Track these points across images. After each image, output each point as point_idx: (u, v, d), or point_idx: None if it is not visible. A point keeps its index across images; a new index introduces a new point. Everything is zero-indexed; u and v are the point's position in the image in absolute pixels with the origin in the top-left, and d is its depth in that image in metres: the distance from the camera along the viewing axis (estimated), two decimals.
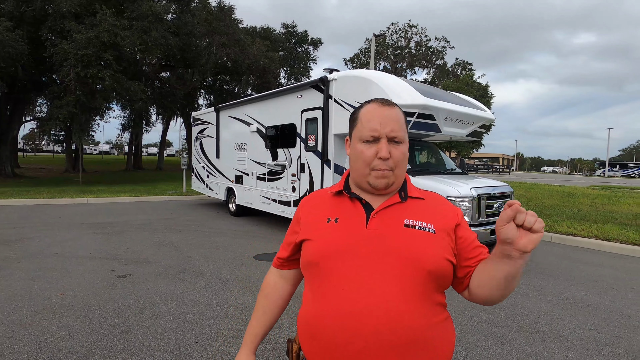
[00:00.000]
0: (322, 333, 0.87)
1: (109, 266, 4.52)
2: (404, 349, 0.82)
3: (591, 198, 11.79)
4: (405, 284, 0.85)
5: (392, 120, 0.93)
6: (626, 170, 55.11)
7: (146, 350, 2.60)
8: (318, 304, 0.90)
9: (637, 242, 6.11)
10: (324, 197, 1.04)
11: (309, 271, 0.95)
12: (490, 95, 27.39)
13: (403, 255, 0.87)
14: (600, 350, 2.77)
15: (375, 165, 0.92)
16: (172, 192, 12.89)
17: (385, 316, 0.82)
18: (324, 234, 0.94)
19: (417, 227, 0.91)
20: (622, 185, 21.54)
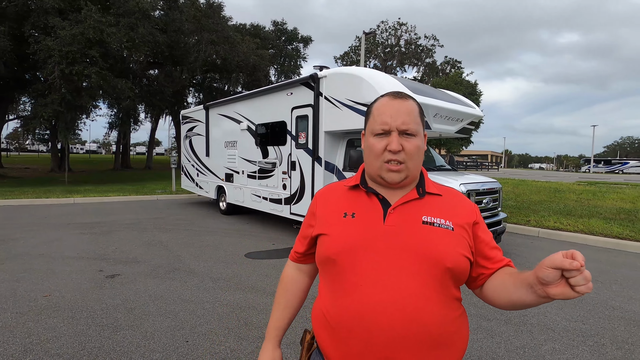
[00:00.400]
0: (338, 327, 0.87)
1: (96, 266, 4.45)
2: (422, 345, 0.83)
3: (577, 194, 12.03)
4: (423, 281, 0.84)
5: (403, 112, 0.91)
6: (610, 166, 56.50)
7: (135, 350, 2.56)
8: (334, 298, 0.90)
9: (621, 235, 6.27)
10: (339, 191, 1.02)
11: (325, 266, 0.95)
12: (478, 93, 27.67)
13: (421, 252, 0.86)
14: (586, 341, 2.83)
15: (386, 157, 0.91)
16: (162, 191, 12.73)
17: (402, 312, 0.82)
18: (340, 229, 0.93)
19: (435, 224, 0.90)
20: (607, 181, 22.05)
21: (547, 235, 6.79)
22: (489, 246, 0.95)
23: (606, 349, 2.72)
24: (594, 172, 52.25)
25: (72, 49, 12.49)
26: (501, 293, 0.87)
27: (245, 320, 3.05)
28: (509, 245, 6.01)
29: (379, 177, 0.94)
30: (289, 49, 31.00)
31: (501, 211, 5.61)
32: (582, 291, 0.66)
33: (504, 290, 0.86)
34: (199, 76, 24.65)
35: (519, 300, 0.81)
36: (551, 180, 19.94)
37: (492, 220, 5.09)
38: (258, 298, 3.56)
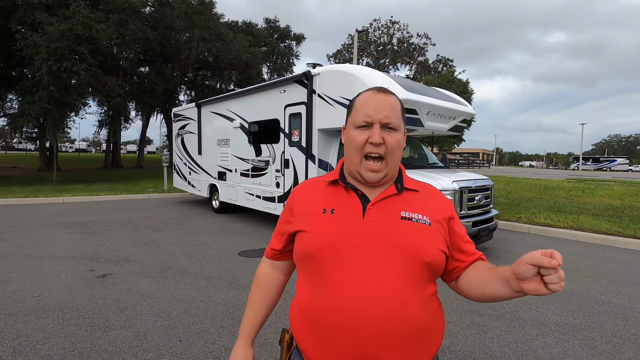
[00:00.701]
0: (318, 324, 0.87)
1: (87, 266, 4.38)
2: (402, 340, 0.83)
3: (566, 190, 12.21)
4: (402, 276, 0.85)
5: (386, 106, 0.91)
6: (598, 163, 57.50)
7: (128, 350, 2.53)
8: (314, 295, 0.89)
9: (609, 231, 6.38)
10: (318, 186, 1.02)
11: (305, 263, 0.93)
12: (470, 91, 27.90)
13: (400, 248, 0.87)
14: (576, 335, 2.88)
15: (367, 150, 0.90)
16: (153, 190, 12.60)
17: (382, 308, 0.82)
18: (319, 226, 0.91)
19: (413, 219, 0.91)
20: (595, 178, 22.43)
21: (538, 232, 6.88)
22: (464, 240, 0.98)
23: (595, 342, 2.77)
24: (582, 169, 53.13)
25: (60, 45, 12.25)
26: (476, 286, 0.90)
27: (239, 319, 3.02)
28: (500, 241, 6.07)
29: (358, 174, 0.94)
30: (282, 46, 30.86)
31: (493, 208, 5.67)
32: (555, 289, 0.69)
33: (479, 283, 0.89)
34: (191, 74, 24.40)
35: (492, 294, 0.84)
36: (541, 177, 20.21)
37: (484, 217, 5.14)
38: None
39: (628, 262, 5.05)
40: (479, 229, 4.93)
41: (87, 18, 12.75)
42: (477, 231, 4.89)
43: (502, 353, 2.59)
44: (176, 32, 18.77)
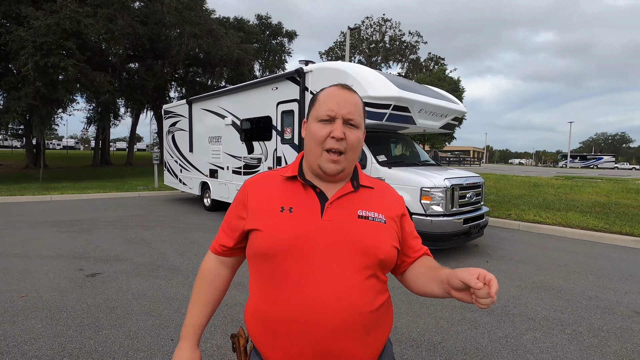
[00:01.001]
0: (276, 324, 0.86)
1: (76, 265, 4.31)
2: (359, 331, 0.86)
3: (555, 188, 12.42)
4: (358, 272, 0.87)
5: (350, 103, 0.92)
6: (586, 161, 58.62)
7: (119, 350, 2.50)
8: (271, 296, 0.88)
9: (596, 228, 6.51)
10: (273, 181, 0.99)
11: (260, 262, 0.91)
12: (461, 89, 28.14)
13: (358, 246, 0.88)
14: (565, 329, 2.93)
15: (328, 145, 0.91)
16: (144, 188, 12.45)
17: (339, 304, 0.84)
18: (278, 225, 0.89)
19: (370, 217, 0.94)
20: (583, 175, 22.85)
21: (527, 229, 6.99)
22: (412, 236, 1.04)
23: (583, 336, 2.82)
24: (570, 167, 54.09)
25: (47, 40, 11.98)
26: (418, 282, 0.99)
27: (232, 317, 3.02)
28: (491, 238, 6.15)
29: (318, 167, 0.93)
30: (274, 43, 30.71)
31: (484, 205, 5.73)
32: (480, 306, 0.77)
33: (421, 280, 0.98)
34: (181, 70, 24.14)
35: (430, 292, 0.94)
36: (530, 175, 20.51)
37: (475, 214, 5.19)
38: (244, 294, 3.53)
39: (614, 257, 5.16)
40: (470, 225, 4.98)
41: (74, 12, 12.50)
42: (468, 228, 4.94)
43: (493, 348, 2.62)
44: (166, 27, 18.53)
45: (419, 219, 4.73)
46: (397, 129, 6.06)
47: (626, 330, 2.93)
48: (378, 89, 4.95)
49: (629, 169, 54.26)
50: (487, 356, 2.52)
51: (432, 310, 3.23)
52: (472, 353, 2.55)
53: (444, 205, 4.75)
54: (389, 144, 6.17)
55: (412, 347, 2.61)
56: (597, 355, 2.56)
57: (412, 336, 2.77)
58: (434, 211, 4.73)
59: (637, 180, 18.00)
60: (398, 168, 5.21)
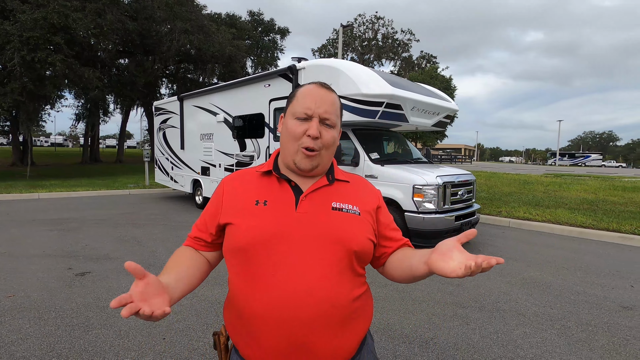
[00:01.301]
0: (253, 320, 0.86)
1: (65, 264, 4.24)
2: (334, 324, 0.86)
3: (544, 185, 12.60)
4: (332, 264, 0.88)
5: (327, 102, 0.93)
6: (574, 159, 59.63)
7: (109, 349, 2.47)
8: (248, 290, 0.87)
9: (584, 224, 6.62)
10: (250, 177, 1.00)
11: (236, 257, 0.91)
12: (453, 87, 28.31)
13: (332, 238, 0.89)
14: (554, 324, 2.98)
15: (304, 143, 0.91)
16: (134, 186, 12.30)
17: (314, 297, 0.84)
18: (252, 218, 0.90)
19: (343, 209, 0.94)
20: (571, 173, 23.24)
21: (517, 225, 7.08)
22: (390, 228, 1.04)
23: (572, 331, 2.87)
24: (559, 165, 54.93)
25: (34, 34, 11.72)
26: (397, 268, 0.98)
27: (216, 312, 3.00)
28: (482, 235, 6.22)
29: (292, 163, 0.94)
30: (266, 40, 30.51)
31: (475, 202, 5.79)
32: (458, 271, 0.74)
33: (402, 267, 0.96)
34: (172, 66, 23.84)
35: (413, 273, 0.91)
36: (520, 172, 20.78)
37: (466, 211, 5.24)
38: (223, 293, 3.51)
39: (602, 253, 5.26)
40: (461, 222, 5.03)
41: (62, 7, 12.24)
42: (459, 225, 4.99)
43: (484, 344, 2.66)
44: (157, 23, 18.27)
45: (412, 216, 4.75)
46: (389, 126, 6.08)
47: (613, 325, 2.99)
48: (371, 86, 4.95)
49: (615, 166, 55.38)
50: (478, 352, 2.55)
51: (424, 307, 3.26)
52: (464, 349, 2.58)
53: (436, 203, 4.78)
54: (382, 142, 6.19)
55: (404, 344, 2.63)
56: (585, 349, 2.61)
57: (404, 333, 2.79)
58: (426, 208, 4.76)
59: (623, 177, 18.37)
60: (391, 165, 5.23)
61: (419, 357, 2.47)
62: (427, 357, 2.47)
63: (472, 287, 3.76)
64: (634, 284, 3.99)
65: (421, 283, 3.79)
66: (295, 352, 0.84)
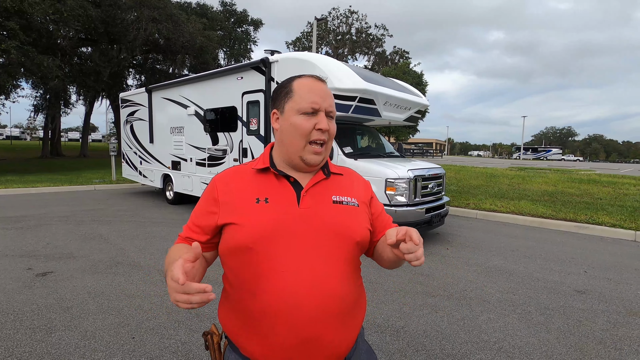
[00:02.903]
0: (260, 318, 0.86)
1: (24, 264, 4.02)
2: (340, 316, 0.89)
3: (509, 178, 13.20)
4: (338, 257, 0.90)
5: (329, 95, 0.95)
6: (537, 153, 62.87)
7: (74, 351, 2.38)
8: (256, 287, 0.87)
9: (545, 215, 7.02)
10: (244, 175, 0.98)
11: (241, 255, 0.89)
12: (424, 83, 28.93)
13: (335, 231, 0.91)
14: (516, 309, 3.16)
15: (313, 136, 0.92)
16: (100, 181, 11.77)
17: (321, 290, 0.86)
18: (255, 216, 0.89)
19: (344, 202, 0.97)
20: (534, 166, 24.47)
21: (484, 217, 7.40)
22: (381, 217, 1.07)
23: (531, 315, 3.06)
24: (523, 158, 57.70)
25: None
26: (379, 254, 1.03)
27: (197, 312, 2.96)
28: (451, 226, 6.45)
29: (299, 159, 0.94)
30: (239, 31, 29.81)
31: (444, 195, 5.98)
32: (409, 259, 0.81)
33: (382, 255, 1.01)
34: (140, 56, 22.84)
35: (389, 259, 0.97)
36: (488, 166, 21.64)
37: (436, 204, 5.41)
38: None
39: (559, 242, 5.60)
40: (431, 215, 5.19)
41: None
42: (429, 217, 5.15)
43: (452, 330, 2.78)
44: (122, 10, 17.39)
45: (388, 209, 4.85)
46: (363, 121, 6.14)
47: (568, 308, 3.21)
48: (344, 81, 4.98)
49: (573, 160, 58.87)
50: (446, 338, 2.66)
51: (396, 297, 3.35)
52: (433, 336, 2.69)
53: (407, 196, 4.91)
54: (355, 136, 6.25)
55: (376, 333, 2.70)
56: (543, 331, 2.79)
57: (376, 322, 2.86)
58: (398, 201, 4.87)
59: (580, 170, 19.56)
60: (364, 160, 5.30)
61: (390, 345, 2.55)
62: (398, 345, 2.56)
63: (441, 277, 3.91)
64: (587, 269, 4.29)
65: (392, 274, 3.90)
66: (305, 345, 0.85)
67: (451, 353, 2.47)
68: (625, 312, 3.17)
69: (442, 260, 4.49)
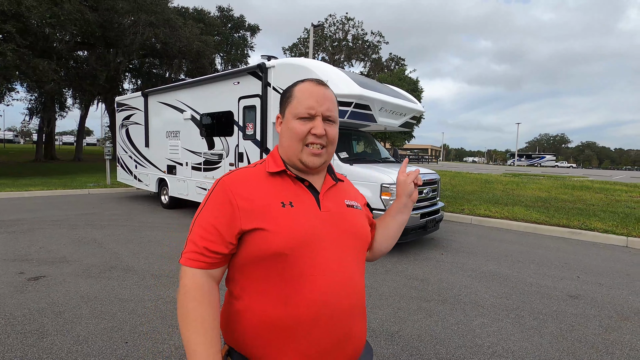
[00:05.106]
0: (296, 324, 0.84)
1: (16, 268, 3.97)
2: (362, 311, 0.97)
3: (503, 184, 13.31)
4: (357, 258, 0.97)
5: (328, 99, 0.95)
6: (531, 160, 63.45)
7: (66, 356, 2.36)
8: (284, 296, 0.85)
9: (538, 221, 7.08)
10: (257, 178, 0.93)
11: (270, 264, 0.85)
12: (420, 89, 29.16)
13: (354, 232, 0.97)
14: (509, 314, 3.18)
15: (309, 140, 0.93)
16: (94, 185, 11.69)
17: (350, 288, 0.92)
18: (284, 221, 0.86)
19: (354, 206, 1.04)
20: (528, 173, 24.68)
21: (479, 222, 7.44)
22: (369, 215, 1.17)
23: (525, 320, 3.08)
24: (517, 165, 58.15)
25: None
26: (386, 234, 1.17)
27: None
28: (445, 232, 6.48)
29: (299, 161, 0.95)
30: (236, 37, 29.94)
31: (439, 200, 6.02)
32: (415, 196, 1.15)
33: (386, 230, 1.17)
34: (136, 61, 22.82)
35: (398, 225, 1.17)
36: (482, 172, 21.80)
37: (431, 209, 5.44)
38: None
39: (552, 247, 5.65)
40: (426, 220, 5.22)
41: None
42: (424, 222, 5.17)
43: (445, 335, 2.79)
44: (119, 14, 17.40)
45: (380, 214, 4.87)
46: (358, 126, 6.18)
47: (561, 313, 3.23)
48: (340, 86, 5.02)
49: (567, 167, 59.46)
50: (440, 342, 2.67)
51: (391, 302, 3.36)
52: (427, 340, 2.70)
53: None
54: (351, 141, 6.29)
55: (371, 338, 2.70)
56: (536, 336, 2.81)
57: (371, 327, 2.86)
58: None
59: (573, 177, 19.76)
60: (359, 165, 5.33)
61: (385, 349, 2.56)
62: (393, 349, 2.56)
63: (436, 282, 3.92)
64: (580, 274, 4.33)
65: (388, 279, 3.91)
66: (340, 343, 0.90)
67: (445, 357, 2.48)
68: (617, 316, 3.20)
69: (436, 265, 4.51)
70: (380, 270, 4.21)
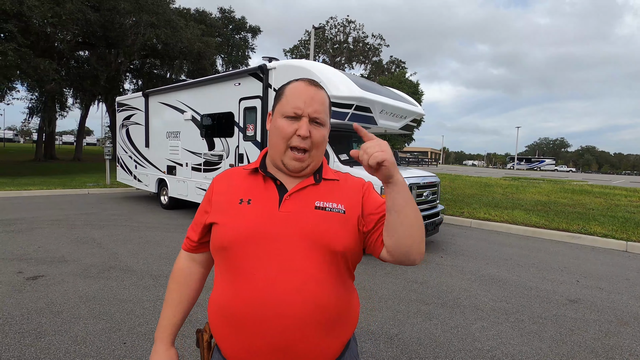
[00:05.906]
0: (235, 319, 0.85)
1: (14, 267, 3.96)
2: (320, 325, 0.85)
3: (503, 188, 13.31)
4: (317, 265, 0.86)
5: (316, 101, 0.91)
6: (530, 163, 63.56)
7: (64, 356, 2.34)
8: (230, 289, 0.87)
9: (538, 224, 7.08)
10: (238, 176, 0.99)
11: (220, 255, 0.91)
12: (420, 92, 29.21)
13: (313, 238, 0.86)
14: (509, 318, 3.17)
15: (293, 142, 0.90)
16: (94, 185, 11.68)
17: (300, 296, 0.83)
18: (234, 217, 0.90)
19: (327, 208, 0.91)
20: (527, 176, 24.70)
21: (478, 225, 7.44)
22: (378, 210, 0.94)
23: (524, 324, 3.07)
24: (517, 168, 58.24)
25: None
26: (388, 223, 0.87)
27: (189, 317, 2.93)
28: (445, 235, 6.48)
29: (281, 163, 0.93)
30: (237, 38, 30.00)
31: (439, 203, 6.02)
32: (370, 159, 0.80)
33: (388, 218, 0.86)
34: (137, 61, 22.88)
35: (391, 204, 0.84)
36: (482, 175, 21.81)
37: (431, 212, 5.44)
38: (202, 294, 3.44)
39: (552, 251, 5.64)
40: (426, 223, 5.21)
41: None
42: (424, 225, 5.17)
43: (445, 338, 2.78)
44: (121, 15, 17.44)
45: None
46: None
47: (561, 317, 3.23)
48: (341, 89, 5.02)
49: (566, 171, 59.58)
50: (439, 345, 2.66)
51: (390, 304, 3.35)
52: (426, 343, 2.69)
53: None
54: (351, 143, 6.28)
55: (370, 340, 2.69)
56: (536, 340, 2.80)
57: (370, 329, 2.86)
58: None
59: (573, 181, 19.79)
60: (359, 167, 5.32)
61: (384, 352, 2.55)
62: (392, 352, 2.55)
63: (435, 285, 3.91)
64: (579, 279, 4.32)
65: (387, 281, 3.90)
66: (278, 353, 0.83)
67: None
68: (616, 321, 3.19)
69: (436, 268, 4.50)
70: (380, 272, 4.20)
